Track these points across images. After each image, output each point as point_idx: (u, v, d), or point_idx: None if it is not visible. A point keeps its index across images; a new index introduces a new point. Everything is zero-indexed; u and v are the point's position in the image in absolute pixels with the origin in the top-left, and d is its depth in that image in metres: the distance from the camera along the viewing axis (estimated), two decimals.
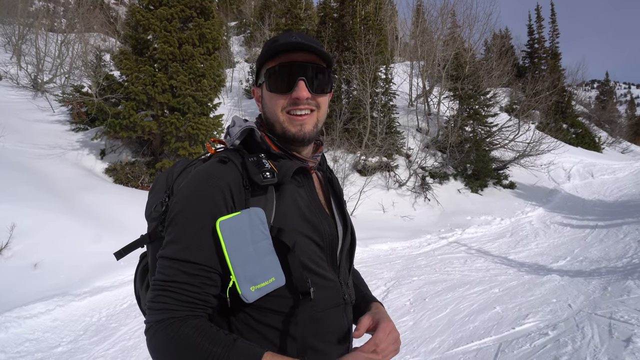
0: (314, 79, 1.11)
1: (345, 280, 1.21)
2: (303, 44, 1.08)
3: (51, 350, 4.10)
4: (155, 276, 0.97)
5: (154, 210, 1.16)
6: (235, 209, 0.98)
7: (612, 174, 17.87)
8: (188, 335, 0.89)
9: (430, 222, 11.50)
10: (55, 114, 12.27)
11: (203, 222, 0.96)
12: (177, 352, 0.88)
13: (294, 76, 1.08)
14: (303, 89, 1.09)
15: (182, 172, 1.17)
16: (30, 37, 16.14)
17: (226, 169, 1.02)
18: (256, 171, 1.02)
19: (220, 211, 0.97)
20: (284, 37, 1.11)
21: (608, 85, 43.91)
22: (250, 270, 0.94)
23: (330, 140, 14.32)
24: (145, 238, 1.15)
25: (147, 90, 9.89)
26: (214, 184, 0.99)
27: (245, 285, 0.93)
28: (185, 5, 10.59)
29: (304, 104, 1.10)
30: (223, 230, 0.93)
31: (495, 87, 20.73)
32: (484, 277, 6.22)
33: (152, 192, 1.24)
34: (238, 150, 1.10)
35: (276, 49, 1.08)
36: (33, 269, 5.60)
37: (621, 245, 7.43)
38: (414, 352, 3.96)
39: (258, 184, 1.01)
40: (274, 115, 1.13)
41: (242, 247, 0.93)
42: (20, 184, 7.28)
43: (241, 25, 35.63)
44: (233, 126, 1.17)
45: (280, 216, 1.04)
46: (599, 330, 3.98)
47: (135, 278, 1.30)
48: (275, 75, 1.10)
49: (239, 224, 0.94)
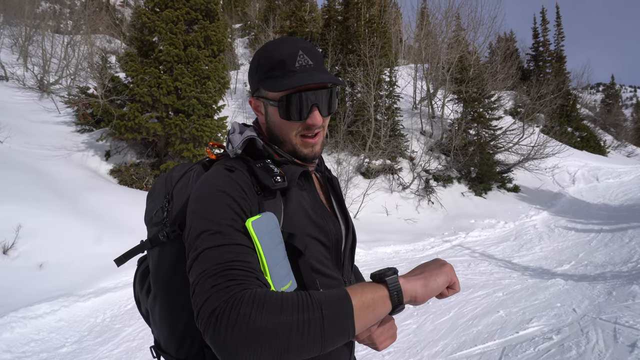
0: (325, 103, 1.11)
1: (349, 278, 1.22)
2: (320, 80, 1.06)
3: (56, 351, 4.12)
4: (202, 268, 0.84)
5: (154, 216, 1.16)
6: (253, 212, 0.97)
7: (617, 178, 17.75)
8: (275, 293, 0.81)
9: (433, 225, 11.47)
10: (61, 115, 12.35)
11: (234, 220, 0.92)
12: (277, 305, 0.78)
13: (308, 104, 1.08)
14: (318, 116, 1.09)
15: (182, 177, 1.18)
16: (36, 39, 16.24)
17: (236, 176, 1.02)
18: (266, 176, 1.02)
19: (244, 212, 0.94)
20: (291, 57, 1.07)
21: (613, 89, 43.63)
22: (277, 272, 0.92)
23: (334, 143, 14.33)
24: (147, 244, 1.15)
25: (152, 92, 9.94)
26: (231, 186, 0.98)
27: (277, 287, 0.91)
28: (190, 7, 10.65)
29: (317, 128, 1.12)
30: (256, 230, 0.90)
31: (500, 90, 20.68)
32: (487, 281, 6.20)
33: (151, 197, 1.23)
34: (241, 158, 1.10)
35: (292, 86, 1.04)
36: (38, 270, 5.64)
37: (626, 249, 7.38)
38: (417, 355, 3.95)
39: (269, 188, 1.01)
40: (286, 137, 1.14)
41: (271, 248, 0.92)
42: (26, 184, 7.32)
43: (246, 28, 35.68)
44: (233, 133, 1.17)
45: (289, 220, 1.04)
46: (603, 335, 3.96)
47: (135, 282, 1.30)
48: (289, 105, 1.08)
49: (265, 226, 0.93)
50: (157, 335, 1.17)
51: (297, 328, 0.76)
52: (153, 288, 1.14)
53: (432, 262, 1.01)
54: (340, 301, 0.82)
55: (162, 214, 1.13)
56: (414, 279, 0.92)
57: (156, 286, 1.12)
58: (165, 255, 1.10)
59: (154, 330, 1.19)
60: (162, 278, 1.10)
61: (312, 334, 0.77)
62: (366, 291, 0.86)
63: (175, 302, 1.07)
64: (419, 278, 0.93)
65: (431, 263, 1.01)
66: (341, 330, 0.80)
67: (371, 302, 0.85)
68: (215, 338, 0.75)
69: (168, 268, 1.09)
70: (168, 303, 1.09)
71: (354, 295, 0.84)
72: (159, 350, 1.16)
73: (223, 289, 0.79)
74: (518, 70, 27.15)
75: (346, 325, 0.81)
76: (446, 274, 0.97)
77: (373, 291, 0.87)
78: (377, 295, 0.86)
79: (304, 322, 0.77)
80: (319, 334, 0.77)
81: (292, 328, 0.76)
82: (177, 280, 1.06)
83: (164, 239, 1.09)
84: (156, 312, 1.13)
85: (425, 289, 0.92)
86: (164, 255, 1.10)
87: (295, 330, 0.76)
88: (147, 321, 1.26)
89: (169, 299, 1.09)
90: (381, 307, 0.87)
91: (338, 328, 0.80)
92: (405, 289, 0.89)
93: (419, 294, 0.91)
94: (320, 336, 0.78)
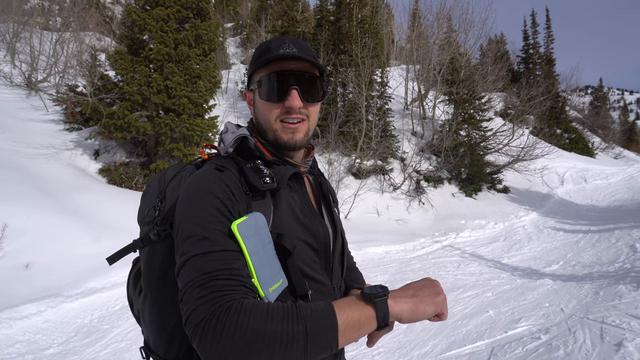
0: (307, 88, 1.11)
1: (338, 285, 1.21)
2: (296, 54, 1.08)
3: (42, 352, 4.06)
4: (189, 277, 0.86)
5: (146, 215, 1.16)
6: (240, 213, 0.97)
7: (605, 179, 18.01)
8: (261, 304, 0.83)
9: (424, 225, 11.53)
10: (49, 113, 12.17)
11: (221, 223, 0.93)
12: (264, 316, 0.80)
13: (287, 85, 1.09)
14: (296, 98, 1.09)
15: (175, 176, 1.17)
16: (24, 35, 15.99)
17: (225, 176, 1.01)
18: (255, 177, 1.02)
19: (231, 213, 0.95)
20: (277, 44, 1.11)
21: (602, 91, 44.22)
22: (264, 273, 0.93)
23: (326, 143, 14.34)
24: (138, 243, 1.15)
25: (142, 90, 9.84)
26: (219, 188, 0.98)
27: (265, 287, 0.92)
28: (181, 6, 10.56)
29: (297, 113, 1.11)
30: (241, 233, 0.90)
31: (490, 92, 20.89)
32: (477, 281, 6.25)
33: (145, 197, 1.23)
34: (232, 157, 1.10)
35: (269, 58, 1.08)
36: (24, 270, 5.55)
37: (613, 250, 7.49)
38: (407, 355, 3.96)
39: (258, 189, 1.02)
40: (267, 122, 1.14)
41: (257, 250, 0.93)
42: (13, 183, 7.21)
43: (237, 27, 35.59)
44: (226, 132, 1.17)
45: (278, 221, 1.04)
46: (590, 334, 4.01)
47: (128, 283, 1.30)
48: (268, 83, 1.10)
49: (251, 227, 0.93)
50: (146, 336, 1.17)
51: (281, 341, 0.78)
52: (143, 288, 1.14)
53: (428, 286, 1.01)
54: (326, 317, 0.84)
55: (154, 212, 1.14)
56: (403, 301, 0.93)
57: (146, 285, 1.12)
58: (155, 254, 1.10)
59: (144, 330, 1.19)
60: (153, 277, 1.10)
61: (296, 347, 0.79)
62: (353, 309, 0.88)
63: (165, 301, 1.07)
64: (408, 302, 0.94)
65: (427, 287, 1.01)
66: (324, 345, 0.82)
67: (357, 321, 0.88)
68: (202, 349, 0.79)
69: (158, 267, 1.09)
70: (157, 302, 1.09)
71: (341, 312, 0.86)
72: (148, 350, 1.15)
73: (209, 301, 0.81)
74: (508, 72, 27.40)
75: (330, 341, 0.83)
76: (437, 306, 0.98)
77: (360, 310, 0.89)
78: (364, 314, 0.89)
79: (288, 335, 0.79)
80: (302, 348, 0.80)
81: (277, 341, 0.78)
82: (167, 279, 1.05)
83: (154, 238, 1.09)
84: (146, 311, 1.13)
85: (412, 314, 0.94)
86: (155, 254, 1.10)
87: (280, 343, 0.78)
88: (138, 322, 1.26)
89: (158, 298, 1.08)
90: (367, 326, 0.89)
91: (321, 343, 0.82)
92: (392, 310, 0.91)
93: (404, 317, 0.93)
94: (302, 350, 0.80)
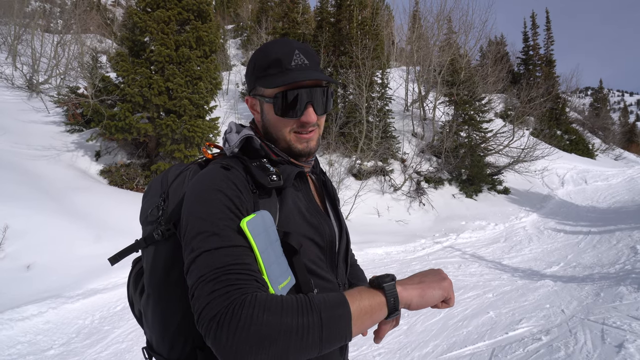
0: (319, 101, 1.12)
1: (343, 282, 1.22)
2: (315, 77, 1.08)
3: (43, 353, 4.06)
4: (200, 272, 0.85)
5: (149, 215, 1.16)
6: (248, 211, 0.97)
7: (605, 181, 18.00)
8: (275, 297, 0.83)
9: (425, 226, 11.52)
10: (50, 115, 12.18)
11: (231, 220, 0.93)
12: (278, 309, 0.80)
13: (303, 101, 1.09)
14: (312, 114, 1.11)
15: (178, 176, 1.17)
16: (26, 38, 16.00)
17: (232, 174, 1.02)
18: (262, 174, 1.03)
19: (240, 211, 0.95)
20: (287, 55, 1.09)
21: (602, 93, 44.26)
22: (274, 270, 0.93)
23: (326, 144, 14.34)
24: (141, 242, 1.15)
25: (143, 92, 9.86)
26: (227, 186, 0.98)
27: (275, 284, 0.92)
28: (182, 8, 10.58)
29: (312, 126, 1.13)
30: (251, 230, 0.90)
31: (491, 93, 20.88)
32: (477, 282, 6.25)
33: (147, 196, 1.23)
34: (238, 157, 1.10)
35: (287, 82, 1.06)
36: (26, 271, 5.56)
37: (614, 251, 7.48)
38: (407, 356, 3.96)
39: (265, 187, 1.02)
40: (280, 134, 1.14)
41: (266, 247, 0.93)
42: (14, 184, 7.22)
43: (238, 29, 35.65)
44: (230, 132, 1.17)
45: (284, 219, 1.05)
46: (591, 335, 4.01)
47: (129, 283, 1.30)
48: (284, 100, 1.09)
49: (260, 225, 0.93)
50: (149, 336, 1.17)
51: (297, 332, 0.78)
52: (146, 288, 1.14)
53: (433, 273, 1.02)
54: (339, 306, 0.85)
55: (157, 212, 1.14)
56: (411, 287, 0.94)
57: (150, 285, 1.12)
58: (159, 253, 1.10)
59: (146, 331, 1.18)
60: (156, 277, 1.10)
61: (312, 337, 0.80)
62: (364, 297, 0.89)
63: (168, 301, 1.07)
64: (416, 287, 0.95)
65: (432, 274, 1.02)
66: (339, 334, 0.83)
67: (369, 308, 0.88)
68: (217, 343, 0.77)
69: (162, 267, 1.09)
70: (161, 302, 1.09)
71: (352, 300, 0.87)
72: (150, 351, 1.15)
73: (223, 295, 0.80)
74: (508, 74, 27.39)
75: (344, 330, 0.84)
76: (444, 289, 0.98)
77: (370, 297, 0.89)
78: (375, 301, 0.89)
79: (303, 327, 0.79)
80: (318, 338, 0.80)
81: (292, 332, 0.78)
82: (170, 279, 1.06)
83: (158, 238, 1.09)
84: (149, 312, 1.12)
85: (421, 299, 0.94)
86: (158, 254, 1.10)
87: (295, 335, 0.78)
88: (140, 323, 1.26)
89: (162, 298, 1.08)
90: (378, 312, 0.89)
91: (336, 332, 0.82)
92: (401, 296, 0.91)
93: (414, 302, 0.93)
94: (318, 340, 0.80)
